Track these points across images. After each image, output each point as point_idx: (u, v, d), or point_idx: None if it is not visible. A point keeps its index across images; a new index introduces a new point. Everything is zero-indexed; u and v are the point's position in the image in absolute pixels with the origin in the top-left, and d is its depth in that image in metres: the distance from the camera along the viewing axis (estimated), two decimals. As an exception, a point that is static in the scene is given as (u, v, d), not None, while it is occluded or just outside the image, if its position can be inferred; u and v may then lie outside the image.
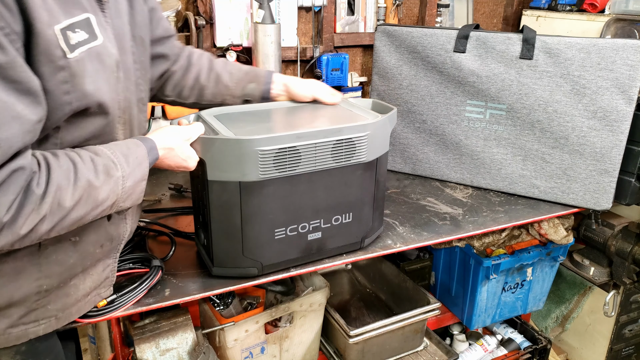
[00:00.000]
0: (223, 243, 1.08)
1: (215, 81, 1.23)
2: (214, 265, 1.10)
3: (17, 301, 0.84)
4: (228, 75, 1.23)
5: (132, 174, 0.87)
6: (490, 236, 1.63)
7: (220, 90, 1.23)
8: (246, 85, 1.24)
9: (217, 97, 1.24)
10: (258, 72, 1.27)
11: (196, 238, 1.22)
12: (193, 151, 1.01)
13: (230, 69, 1.25)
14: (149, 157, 0.91)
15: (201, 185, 1.06)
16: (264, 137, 0.98)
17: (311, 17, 2.11)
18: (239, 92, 1.24)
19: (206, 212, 1.06)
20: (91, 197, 0.80)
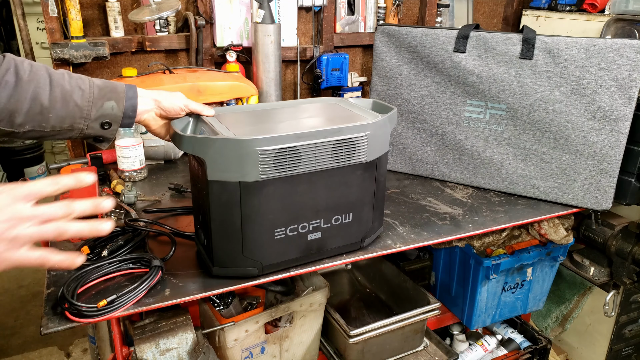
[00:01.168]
0: (223, 243, 1.08)
1: (63, 101, 0.95)
2: (214, 265, 1.10)
3: None
4: (79, 92, 0.97)
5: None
6: (490, 236, 1.63)
7: (71, 113, 0.96)
8: (103, 103, 0.99)
9: (65, 121, 0.96)
10: (116, 85, 1.03)
11: (196, 238, 1.22)
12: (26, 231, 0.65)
13: (80, 84, 0.98)
14: None
15: (201, 186, 1.06)
16: (264, 137, 0.98)
17: (311, 17, 2.11)
18: (94, 113, 0.98)
19: (206, 212, 1.06)
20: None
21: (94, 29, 1.84)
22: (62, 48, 1.66)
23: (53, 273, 1.12)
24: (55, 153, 4.15)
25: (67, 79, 0.97)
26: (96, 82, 1.00)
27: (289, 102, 1.31)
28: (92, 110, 0.98)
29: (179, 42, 1.90)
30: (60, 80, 0.95)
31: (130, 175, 1.61)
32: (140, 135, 1.63)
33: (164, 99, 1.09)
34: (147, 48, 1.84)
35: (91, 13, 1.82)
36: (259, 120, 1.18)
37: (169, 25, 1.90)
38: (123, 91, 1.02)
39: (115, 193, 1.46)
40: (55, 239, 0.61)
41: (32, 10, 3.63)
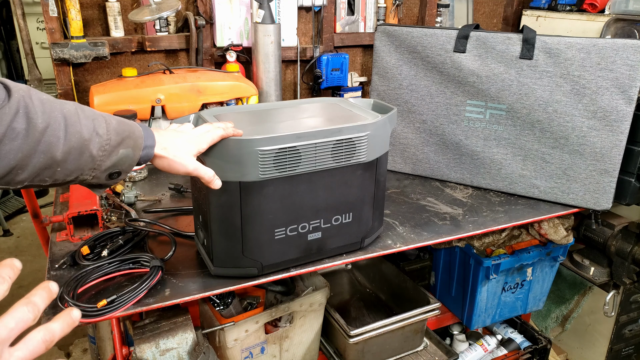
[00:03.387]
0: (223, 243, 1.08)
1: (79, 152, 0.78)
2: (214, 265, 1.10)
3: None
4: (97, 140, 0.80)
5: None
6: (490, 236, 1.63)
7: (81, 165, 0.79)
8: (118, 151, 0.83)
9: (72, 174, 0.79)
10: (134, 128, 0.87)
11: (196, 238, 1.22)
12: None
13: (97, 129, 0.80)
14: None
15: (201, 186, 1.06)
16: (264, 137, 0.98)
17: (311, 17, 2.11)
18: (105, 165, 0.82)
19: (206, 212, 1.06)
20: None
21: (94, 29, 1.84)
22: (62, 48, 1.67)
23: (53, 273, 1.12)
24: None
25: (84, 122, 0.78)
26: (113, 125, 0.83)
27: (288, 102, 1.31)
28: (105, 161, 0.82)
29: (179, 42, 1.90)
30: (76, 124, 0.77)
31: (130, 175, 1.61)
32: (140, 135, 1.63)
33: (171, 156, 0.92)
34: (147, 48, 1.84)
35: (91, 13, 1.82)
36: (259, 120, 1.18)
37: (169, 25, 1.90)
38: (141, 137, 0.87)
39: (115, 193, 1.46)
40: None
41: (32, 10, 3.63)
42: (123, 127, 0.85)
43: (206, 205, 1.05)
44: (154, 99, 1.63)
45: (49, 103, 0.75)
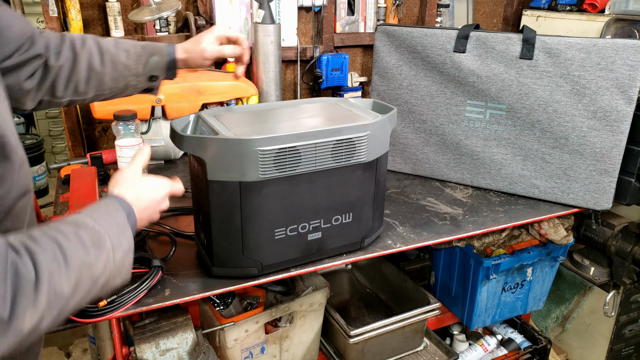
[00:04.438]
0: (223, 243, 1.08)
1: (112, 64, 1.05)
2: (214, 265, 1.10)
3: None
4: (124, 53, 1.07)
5: (119, 246, 0.74)
6: (490, 236, 1.63)
7: (121, 73, 1.07)
8: (148, 59, 1.09)
9: (119, 81, 1.08)
10: (157, 44, 1.13)
11: (196, 238, 1.22)
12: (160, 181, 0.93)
13: (125, 46, 1.08)
14: (129, 223, 0.79)
15: (201, 186, 1.06)
16: (264, 137, 0.98)
17: (311, 17, 2.11)
18: (141, 69, 1.09)
19: (206, 212, 1.06)
20: (88, 278, 0.68)
21: (94, 29, 1.84)
22: (62, 48, 1.66)
23: (53, 273, 1.12)
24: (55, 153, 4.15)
25: (113, 44, 1.06)
26: (139, 43, 1.10)
27: (288, 102, 1.31)
28: (139, 67, 1.08)
29: (179, 42, 1.90)
30: (108, 46, 1.05)
31: (130, 175, 1.60)
32: (140, 135, 1.63)
33: (194, 49, 1.14)
34: (147, 48, 1.84)
35: (91, 13, 1.82)
36: (259, 120, 1.18)
37: (169, 25, 1.90)
38: (164, 47, 1.12)
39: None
40: None
41: (32, 10, 3.63)
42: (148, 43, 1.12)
43: (206, 205, 1.05)
44: (154, 99, 1.63)
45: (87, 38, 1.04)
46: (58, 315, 0.64)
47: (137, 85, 1.11)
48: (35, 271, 0.60)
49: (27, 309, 0.59)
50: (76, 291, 0.66)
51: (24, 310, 0.58)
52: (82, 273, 0.67)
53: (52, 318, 0.63)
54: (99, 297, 0.79)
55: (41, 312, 0.60)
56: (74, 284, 0.65)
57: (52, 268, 0.63)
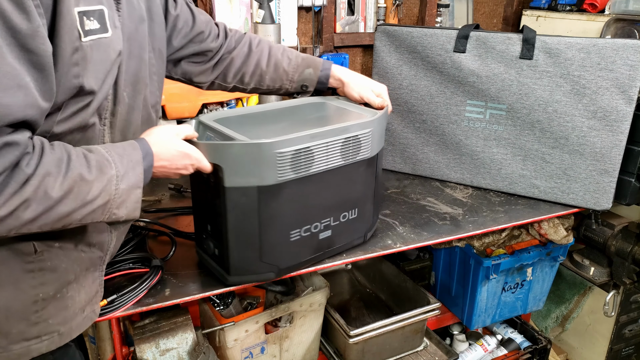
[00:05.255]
0: (240, 250, 1.05)
1: (275, 67, 1.26)
2: (230, 275, 1.08)
3: (14, 313, 0.81)
4: (287, 61, 1.27)
5: (126, 177, 0.81)
6: (490, 236, 1.63)
7: (280, 76, 1.27)
8: (304, 70, 1.28)
9: (277, 82, 1.28)
10: (316, 59, 1.31)
11: (200, 249, 1.19)
12: (195, 151, 0.95)
13: (289, 55, 1.28)
14: (143, 163, 0.85)
15: (213, 193, 1.03)
16: (281, 139, 0.97)
17: (311, 17, 2.11)
18: (296, 77, 1.28)
19: (220, 220, 1.03)
20: (81, 192, 0.75)
21: (94, 29, 1.84)
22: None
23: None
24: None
25: (281, 51, 1.28)
26: (302, 55, 1.30)
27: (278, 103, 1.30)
28: (295, 75, 1.28)
29: (179, 42, 1.90)
30: (276, 52, 1.27)
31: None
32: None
33: (349, 84, 1.31)
34: (147, 48, 1.84)
35: (91, 13, 1.82)
36: (260, 122, 1.18)
37: (169, 25, 1.90)
38: (320, 63, 1.30)
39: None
40: None
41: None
42: (309, 57, 1.31)
43: (220, 213, 1.02)
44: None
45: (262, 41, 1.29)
46: (43, 214, 0.72)
47: (289, 89, 1.29)
48: (34, 168, 0.70)
49: (11, 197, 0.68)
50: (66, 198, 0.73)
51: (7, 198, 0.67)
52: (76, 185, 0.74)
53: (34, 213, 0.71)
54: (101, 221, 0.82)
55: (23, 199, 0.69)
56: (66, 191, 0.73)
57: (51, 170, 0.72)
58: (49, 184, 0.71)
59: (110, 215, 0.81)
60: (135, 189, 0.83)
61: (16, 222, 0.70)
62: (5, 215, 0.68)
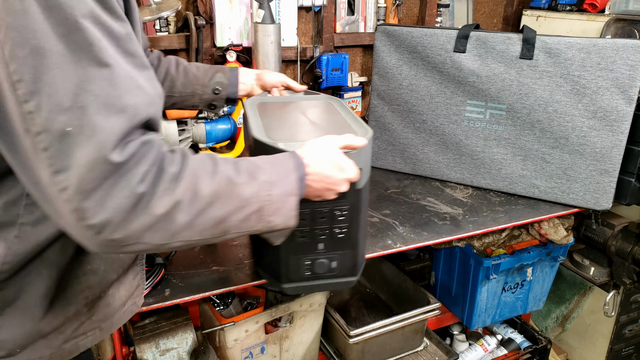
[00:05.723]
0: (363, 250, 1.05)
1: (185, 72, 1.25)
2: (355, 275, 1.05)
3: (71, 316, 0.83)
4: (195, 67, 1.28)
5: (279, 183, 0.77)
6: (491, 236, 1.63)
7: (191, 80, 1.25)
8: (214, 74, 1.27)
9: (188, 87, 1.25)
10: (224, 67, 1.32)
11: (295, 280, 1.03)
12: (350, 165, 0.89)
13: (197, 64, 1.30)
14: (296, 172, 0.81)
15: (334, 202, 0.95)
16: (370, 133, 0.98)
17: (311, 17, 2.11)
18: (207, 81, 1.26)
19: (351, 226, 0.99)
20: (232, 195, 0.72)
21: (94, 29, 1.84)
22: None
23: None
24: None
25: (188, 63, 1.28)
26: (211, 65, 1.31)
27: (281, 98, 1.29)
28: (206, 79, 1.25)
29: (179, 42, 1.90)
30: (183, 61, 1.27)
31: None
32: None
33: (264, 74, 1.32)
34: (147, 48, 1.84)
35: (91, 13, 1.82)
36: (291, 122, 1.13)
37: (169, 25, 1.90)
38: (229, 68, 1.30)
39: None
40: None
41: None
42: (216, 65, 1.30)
43: (351, 219, 0.99)
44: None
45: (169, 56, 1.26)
46: (196, 217, 0.69)
47: (202, 94, 1.26)
48: (180, 167, 0.68)
49: (163, 196, 0.65)
50: (217, 201, 0.70)
51: (160, 196, 0.65)
52: (226, 187, 0.72)
53: (188, 216, 0.68)
54: (260, 233, 0.82)
55: (176, 200, 0.66)
56: (215, 191, 0.70)
57: (198, 171, 0.70)
58: (198, 184, 0.69)
59: (266, 223, 0.78)
60: (289, 196, 0.80)
61: (173, 226, 0.67)
62: (160, 217, 0.65)
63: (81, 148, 0.59)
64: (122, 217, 0.62)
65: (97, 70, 0.61)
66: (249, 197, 0.74)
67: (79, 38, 0.60)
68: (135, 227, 0.64)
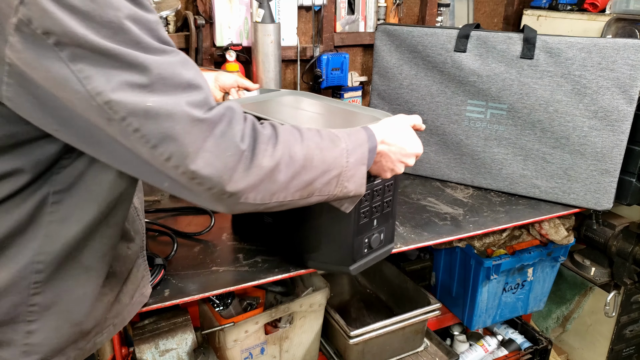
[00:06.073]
0: None
1: None
2: None
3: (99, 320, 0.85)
4: None
5: (354, 152, 0.84)
6: (491, 236, 1.63)
7: None
8: None
9: None
10: None
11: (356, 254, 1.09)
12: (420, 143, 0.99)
13: None
14: (368, 143, 0.87)
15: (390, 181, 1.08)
16: None
17: (311, 17, 2.11)
18: None
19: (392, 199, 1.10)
20: (319, 159, 0.78)
21: (94, 28, 1.83)
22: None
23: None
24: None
25: None
26: None
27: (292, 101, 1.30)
28: None
29: (179, 42, 1.89)
30: None
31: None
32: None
33: (220, 75, 1.32)
34: (147, 48, 1.84)
35: (91, 12, 1.81)
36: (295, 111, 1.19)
37: (169, 25, 1.90)
38: None
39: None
40: None
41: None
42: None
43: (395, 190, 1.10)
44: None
45: None
46: (292, 178, 0.74)
47: None
48: (272, 131, 0.73)
49: (266, 151, 0.70)
50: (308, 164, 0.76)
51: (263, 151, 0.70)
52: (314, 152, 0.77)
53: (286, 176, 0.73)
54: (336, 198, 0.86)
55: (277, 161, 0.71)
56: (306, 155, 0.76)
57: (288, 136, 0.75)
58: (292, 148, 0.74)
59: (342, 188, 0.84)
60: (361, 165, 0.86)
61: (273, 185, 0.72)
62: (264, 175, 0.70)
63: (169, 118, 0.62)
64: (229, 174, 0.66)
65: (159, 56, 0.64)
66: (332, 162, 0.80)
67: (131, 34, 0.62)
68: (241, 185, 0.68)
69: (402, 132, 0.96)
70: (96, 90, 0.59)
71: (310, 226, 1.11)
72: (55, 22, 0.56)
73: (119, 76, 0.60)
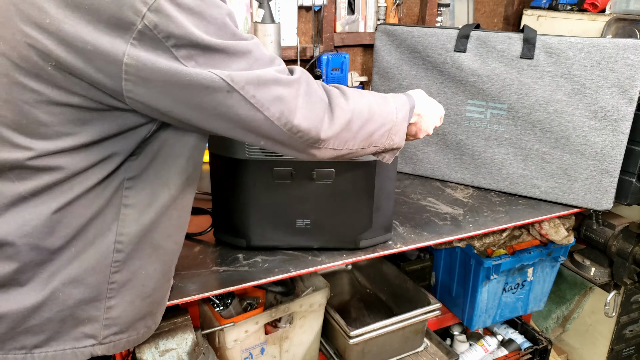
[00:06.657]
0: None
1: None
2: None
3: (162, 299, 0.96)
4: None
5: (401, 109, 0.95)
6: (491, 236, 1.63)
7: None
8: None
9: None
10: None
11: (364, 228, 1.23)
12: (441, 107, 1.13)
13: None
14: (409, 103, 0.99)
15: None
16: None
17: (311, 17, 2.11)
18: None
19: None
20: (379, 113, 0.90)
21: (94, 28, 1.83)
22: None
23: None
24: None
25: None
26: None
27: None
28: None
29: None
30: None
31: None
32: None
33: None
34: (147, 48, 1.84)
35: (91, 13, 1.81)
36: None
37: (169, 25, 1.90)
38: None
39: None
40: None
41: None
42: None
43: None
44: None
45: None
46: (360, 128, 0.87)
47: None
48: (337, 89, 0.86)
49: (341, 104, 0.83)
50: (371, 117, 0.88)
51: (339, 104, 0.83)
52: (374, 107, 0.90)
53: (357, 126, 0.86)
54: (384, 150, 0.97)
55: (351, 111, 0.85)
56: (369, 109, 0.88)
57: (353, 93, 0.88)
58: (358, 102, 0.86)
59: (390, 140, 0.95)
60: (405, 122, 0.97)
61: (348, 134, 0.85)
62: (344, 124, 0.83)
63: (275, 84, 0.74)
64: (320, 125, 0.80)
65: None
66: (387, 117, 0.92)
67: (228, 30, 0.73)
68: (329, 133, 0.81)
69: (428, 98, 1.09)
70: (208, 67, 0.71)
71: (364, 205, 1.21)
72: (177, 26, 0.65)
73: (228, 67, 0.71)
